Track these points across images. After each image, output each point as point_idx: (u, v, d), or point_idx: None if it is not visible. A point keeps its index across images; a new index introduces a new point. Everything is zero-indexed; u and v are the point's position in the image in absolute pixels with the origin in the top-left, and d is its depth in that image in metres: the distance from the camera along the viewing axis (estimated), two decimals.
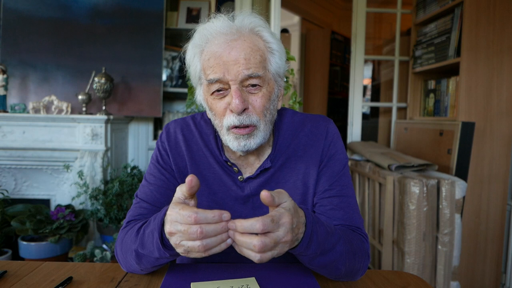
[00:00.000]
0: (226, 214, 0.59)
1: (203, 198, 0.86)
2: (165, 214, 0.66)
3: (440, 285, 1.80)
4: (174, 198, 0.64)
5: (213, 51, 0.75)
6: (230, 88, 0.75)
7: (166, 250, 0.68)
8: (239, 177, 0.86)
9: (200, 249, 0.59)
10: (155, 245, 0.68)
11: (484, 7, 2.02)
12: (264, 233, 0.57)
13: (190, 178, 0.60)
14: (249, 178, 0.85)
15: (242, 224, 0.57)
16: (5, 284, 0.75)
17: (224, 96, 0.77)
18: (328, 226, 0.72)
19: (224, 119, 0.77)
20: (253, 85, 0.76)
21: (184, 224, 0.59)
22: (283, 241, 0.59)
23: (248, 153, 0.83)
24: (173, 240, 0.62)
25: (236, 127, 0.77)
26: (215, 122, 0.81)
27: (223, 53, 0.74)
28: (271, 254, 0.59)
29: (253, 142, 0.78)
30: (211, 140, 0.88)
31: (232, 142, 0.78)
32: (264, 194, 0.58)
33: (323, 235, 0.68)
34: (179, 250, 0.62)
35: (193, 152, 0.88)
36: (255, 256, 0.58)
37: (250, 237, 0.57)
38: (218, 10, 0.83)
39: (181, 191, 0.63)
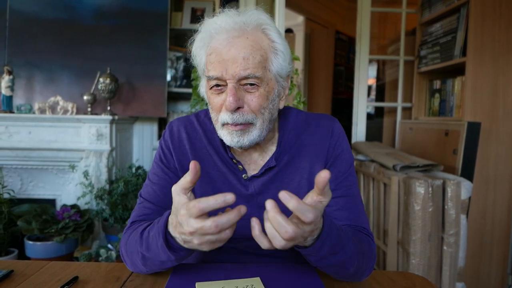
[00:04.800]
0: (229, 196, 0.57)
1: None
2: (167, 218, 0.66)
3: (445, 286, 1.79)
4: (176, 192, 0.62)
5: (215, 47, 0.76)
6: (227, 85, 0.75)
7: (172, 252, 0.67)
8: (243, 175, 0.85)
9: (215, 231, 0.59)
10: (160, 248, 0.67)
11: (490, 7, 2.01)
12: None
13: (193, 164, 0.59)
14: (253, 176, 0.85)
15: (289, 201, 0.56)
16: (11, 283, 0.75)
17: (222, 92, 0.77)
18: (340, 228, 0.69)
19: (219, 115, 0.78)
20: (251, 84, 0.76)
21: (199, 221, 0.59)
22: (305, 236, 0.59)
23: (246, 149, 0.82)
24: (195, 241, 0.61)
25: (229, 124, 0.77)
26: (212, 115, 0.82)
27: (223, 50, 0.74)
28: (292, 244, 0.58)
29: (246, 139, 0.78)
30: (215, 138, 0.87)
31: (225, 137, 0.79)
32: (326, 175, 0.56)
33: (336, 237, 0.66)
34: (192, 246, 0.62)
35: (197, 150, 0.88)
36: (280, 242, 0.56)
37: (287, 221, 0.55)
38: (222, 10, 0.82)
39: (185, 181, 0.61)
